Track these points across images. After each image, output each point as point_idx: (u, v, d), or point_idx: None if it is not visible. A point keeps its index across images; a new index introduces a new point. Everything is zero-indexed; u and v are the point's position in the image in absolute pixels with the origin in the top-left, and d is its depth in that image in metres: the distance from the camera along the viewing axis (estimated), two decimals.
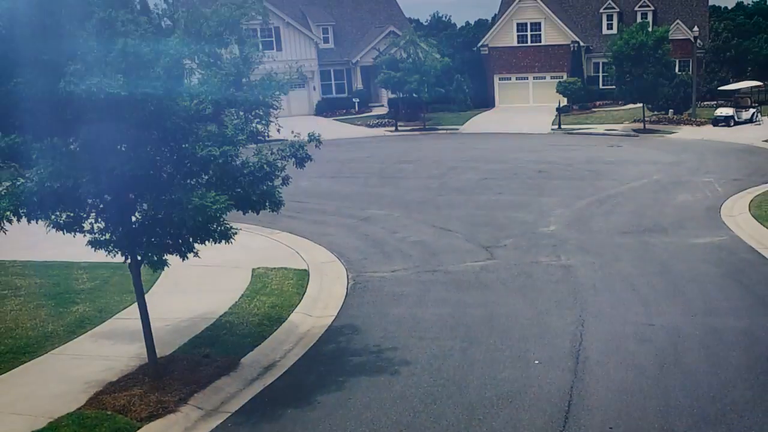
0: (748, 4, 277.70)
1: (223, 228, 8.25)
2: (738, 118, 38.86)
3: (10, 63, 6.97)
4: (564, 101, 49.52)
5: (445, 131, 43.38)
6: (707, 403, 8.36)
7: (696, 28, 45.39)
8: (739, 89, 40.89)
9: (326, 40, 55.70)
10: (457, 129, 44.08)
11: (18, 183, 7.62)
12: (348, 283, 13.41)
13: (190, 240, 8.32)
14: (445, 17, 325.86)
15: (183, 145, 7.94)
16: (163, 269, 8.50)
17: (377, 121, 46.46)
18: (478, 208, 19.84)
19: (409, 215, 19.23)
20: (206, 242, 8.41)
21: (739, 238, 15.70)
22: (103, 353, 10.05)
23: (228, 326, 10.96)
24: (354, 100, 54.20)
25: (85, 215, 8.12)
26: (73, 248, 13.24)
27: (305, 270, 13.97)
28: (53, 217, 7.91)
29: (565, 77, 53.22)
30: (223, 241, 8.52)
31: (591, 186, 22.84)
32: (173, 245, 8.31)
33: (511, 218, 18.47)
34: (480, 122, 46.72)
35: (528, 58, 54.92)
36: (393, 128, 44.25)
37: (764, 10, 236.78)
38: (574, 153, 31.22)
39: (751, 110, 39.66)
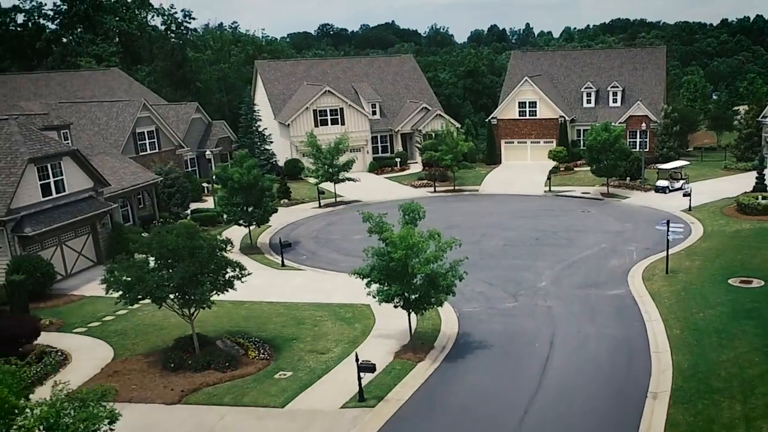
0: (732, 21, 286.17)
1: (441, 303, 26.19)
2: (672, 187, 57.01)
3: None
4: (554, 163, 67.99)
5: (469, 192, 61.44)
6: (595, 356, 26.46)
7: (643, 125, 63.77)
8: (675, 167, 58.96)
9: (374, 113, 73.83)
10: (477, 190, 62.20)
11: (380, 290, 25.70)
12: (456, 314, 31.47)
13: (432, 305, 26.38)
14: (443, 29, 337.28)
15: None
16: (422, 314, 26.53)
17: (419, 182, 64.45)
18: (505, 270, 37.92)
19: (470, 274, 37.16)
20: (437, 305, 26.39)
21: (630, 291, 33.82)
22: (384, 342, 28.02)
23: (422, 333, 29.02)
24: (396, 159, 72.37)
25: (400, 299, 26.23)
26: (308, 293, 31.85)
27: (438, 309, 31.99)
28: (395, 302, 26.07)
29: (554, 143, 71.63)
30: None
31: (565, 253, 41.01)
32: (426, 306, 26.36)
33: (523, 277, 36.59)
34: (492, 182, 64.93)
35: (527, 127, 73.23)
36: (432, 189, 62.28)
37: (747, 29, 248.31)
38: (558, 220, 49.33)
39: (681, 181, 57.77)
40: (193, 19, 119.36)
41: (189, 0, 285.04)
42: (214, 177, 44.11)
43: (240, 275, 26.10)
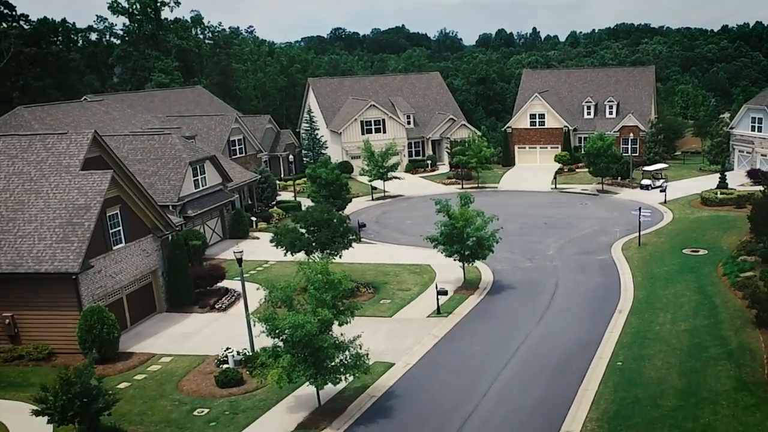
0: (732, 28, 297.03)
1: (485, 257, 40.56)
2: (653, 185, 71.18)
3: None
4: (559, 165, 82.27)
5: (490, 189, 75.78)
6: (584, 292, 40.86)
7: (631, 134, 78.04)
8: (656, 169, 73.16)
9: (409, 123, 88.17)
10: (496, 187, 76.57)
11: (445, 248, 40.09)
12: (491, 270, 45.91)
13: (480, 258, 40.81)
14: (452, 33, 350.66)
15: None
16: (473, 264, 41.05)
17: (448, 180, 78.84)
18: (524, 244, 52.29)
19: (498, 246, 51.51)
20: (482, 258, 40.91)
21: (611, 256, 48.23)
22: (445, 285, 42.31)
23: (470, 280, 43.42)
24: (427, 161, 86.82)
25: (458, 255, 40.59)
26: (384, 257, 46.50)
27: (478, 267, 46.35)
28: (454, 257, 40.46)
29: (560, 148, 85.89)
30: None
31: (567, 232, 55.39)
32: (475, 258, 40.75)
33: (536, 248, 51.01)
34: (508, 180, 79.33)
35: (536, 135, 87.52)
36: (460, 186, 76.57)
37: (746, 35, 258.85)
38: (562, 209, 63.72)
39: (661, 180, 71.96)
40: (239, 35, 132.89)
41: (199, 2, 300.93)
42: (307, 174, 58.57)
43: (356, 239, 40.56)
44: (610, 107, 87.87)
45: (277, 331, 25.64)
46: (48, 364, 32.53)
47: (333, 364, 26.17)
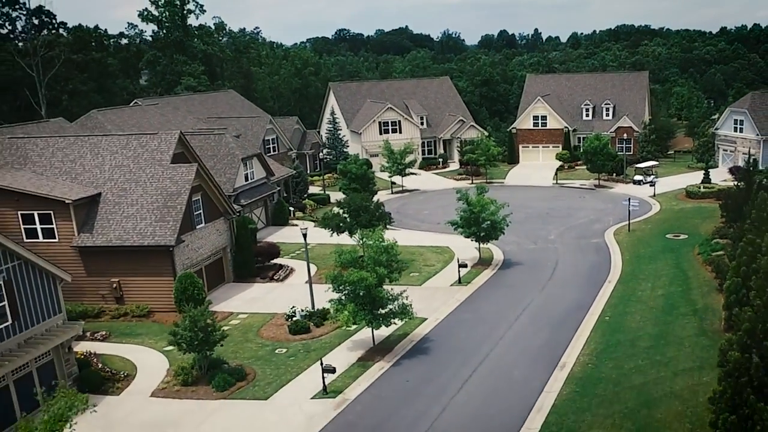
0: (731, 30, 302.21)
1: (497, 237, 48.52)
2: (644, 180, 79.11)
3: None
4: (559, 163, 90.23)
5: (497, 184, 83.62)
6: (580, 268, 48.84)
7: (625, 134, 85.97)
8: (647, 166, 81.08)
9: (422, 123, 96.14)
10: (503, 182, 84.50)
11: (464, 231, 48.03)
12: (501, 251, 53.89)
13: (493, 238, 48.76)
14: (455, 34, 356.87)
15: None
16: (486, 244, 49.06)
17: (459, 176, 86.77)
18: (529, 231, 60.23)
19: (506, 231, 59.42)
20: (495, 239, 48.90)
21: (604, 240, 56.19)
22: (463, 261, 50.43)
23: (484, 258, 51.38)
24: (439, 159, 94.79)
25: (474, 236, 48.54)
26: (409, 241, 54.57)
27: (490, 248, 54.34)
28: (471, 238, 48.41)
29: (560, 147, 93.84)
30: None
31: (567, 221, 63.35)
32: (489, 239, 48.70)
33: (539, 233, 58.99)
34: (513, 176, 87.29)
35: (539, 136, 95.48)
36: (470, 181, 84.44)
37: (744, 37, 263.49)
38: (562, 202, 71.71)
39: (652, 176, 79.85)
40: (256, 39, 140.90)
41: (204, 3, 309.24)
42: (339, 170, 66.55)
43: (391, 221, 48.50)
44: (607, 109, 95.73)
45: (341, 287, 33.63)
46: (148, 320, 40.64)
47: (385, 311, 34.17)
